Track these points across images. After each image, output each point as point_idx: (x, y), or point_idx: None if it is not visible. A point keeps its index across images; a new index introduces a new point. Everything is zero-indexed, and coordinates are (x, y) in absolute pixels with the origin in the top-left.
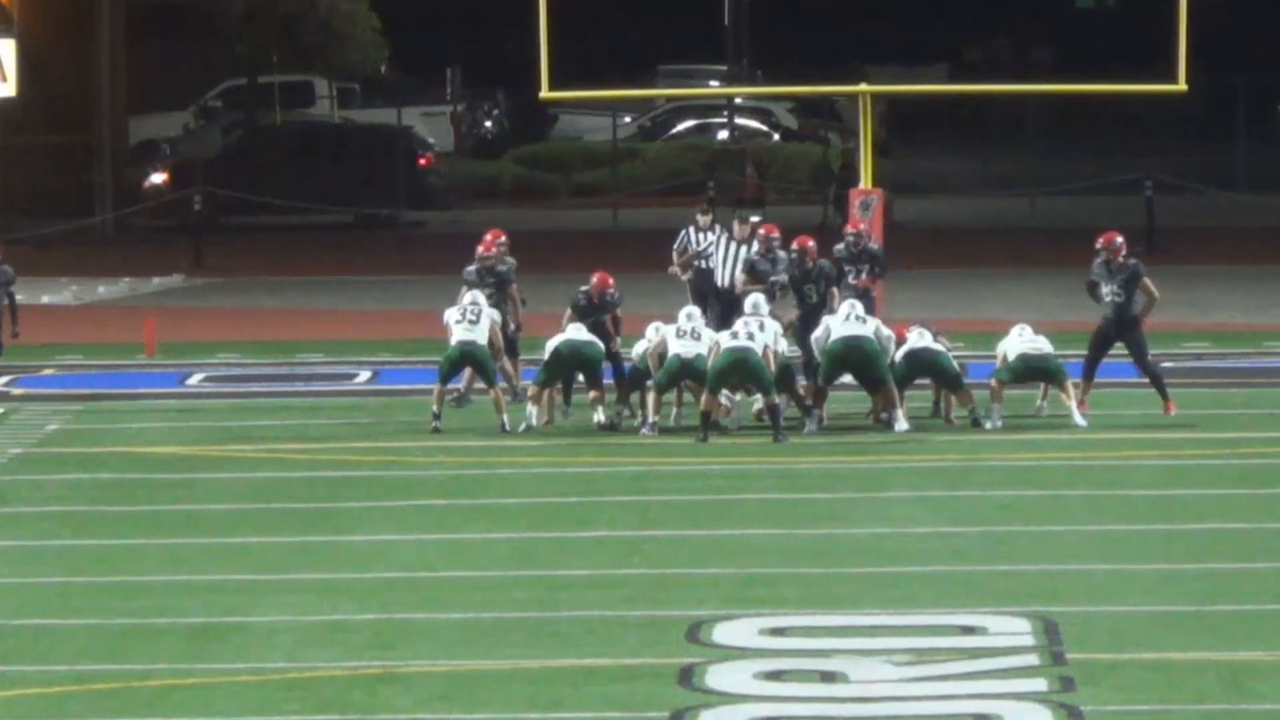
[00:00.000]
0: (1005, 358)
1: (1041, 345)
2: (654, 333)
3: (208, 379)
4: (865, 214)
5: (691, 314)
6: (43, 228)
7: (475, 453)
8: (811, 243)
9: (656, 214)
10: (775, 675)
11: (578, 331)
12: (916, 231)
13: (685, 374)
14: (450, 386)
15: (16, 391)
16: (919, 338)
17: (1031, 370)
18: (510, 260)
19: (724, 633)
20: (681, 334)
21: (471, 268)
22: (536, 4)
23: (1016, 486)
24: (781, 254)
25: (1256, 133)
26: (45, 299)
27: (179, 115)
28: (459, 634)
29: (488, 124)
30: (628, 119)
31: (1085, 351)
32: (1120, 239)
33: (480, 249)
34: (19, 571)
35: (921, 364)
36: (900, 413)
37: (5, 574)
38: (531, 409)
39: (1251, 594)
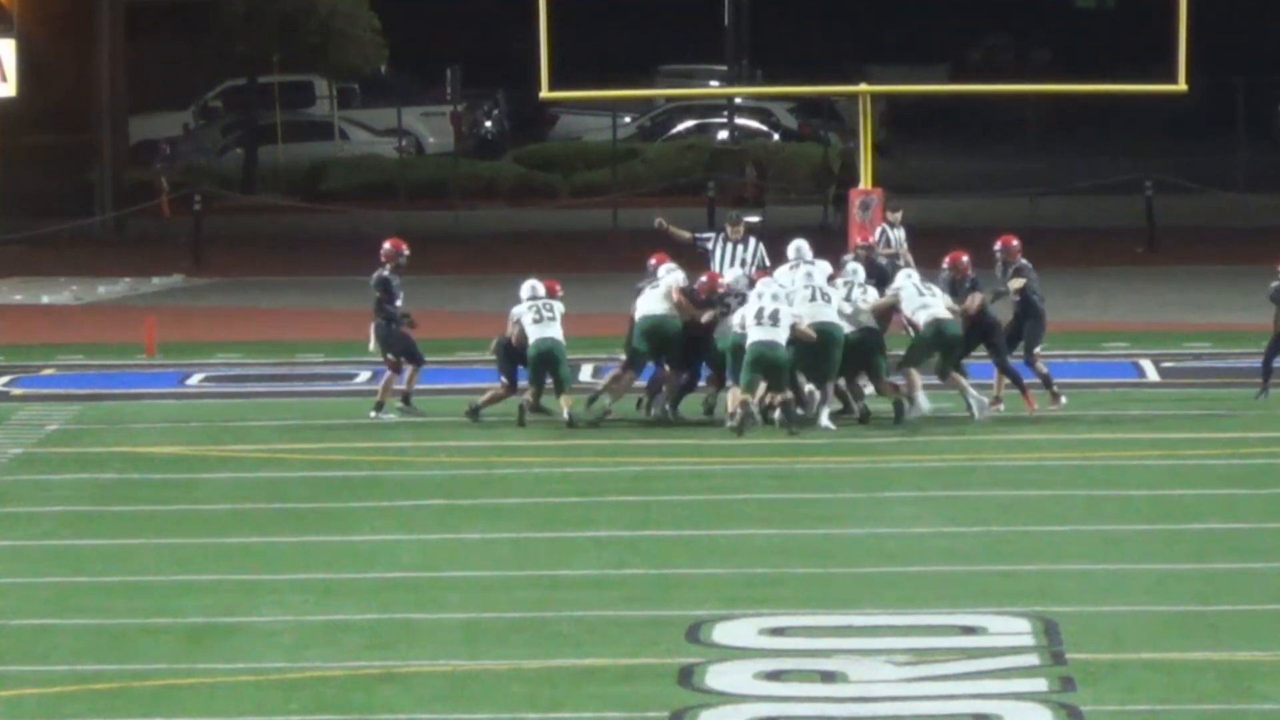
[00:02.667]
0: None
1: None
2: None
3: (208, 379)
4: (865, 214)
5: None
6: (43, 228)
7: (475, 453)
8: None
9: (656, 214)
10: (775, 675)
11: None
12: (916, 231)
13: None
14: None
15: (16, 391)
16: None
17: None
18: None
19: (724, 633)
20: (761, 320)
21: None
22: (536, 4)
23: (1016, 486)
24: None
25: (1256, 133)
26: (45, 299)
27: (179, 115)
28: (459, 634)
29: (488, 124)
30: (628, 119)
31: (1079, 352)
32: (966, 258)
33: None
34: (19, 571)
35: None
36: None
37: (5, 574)
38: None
39: (1251, 594)
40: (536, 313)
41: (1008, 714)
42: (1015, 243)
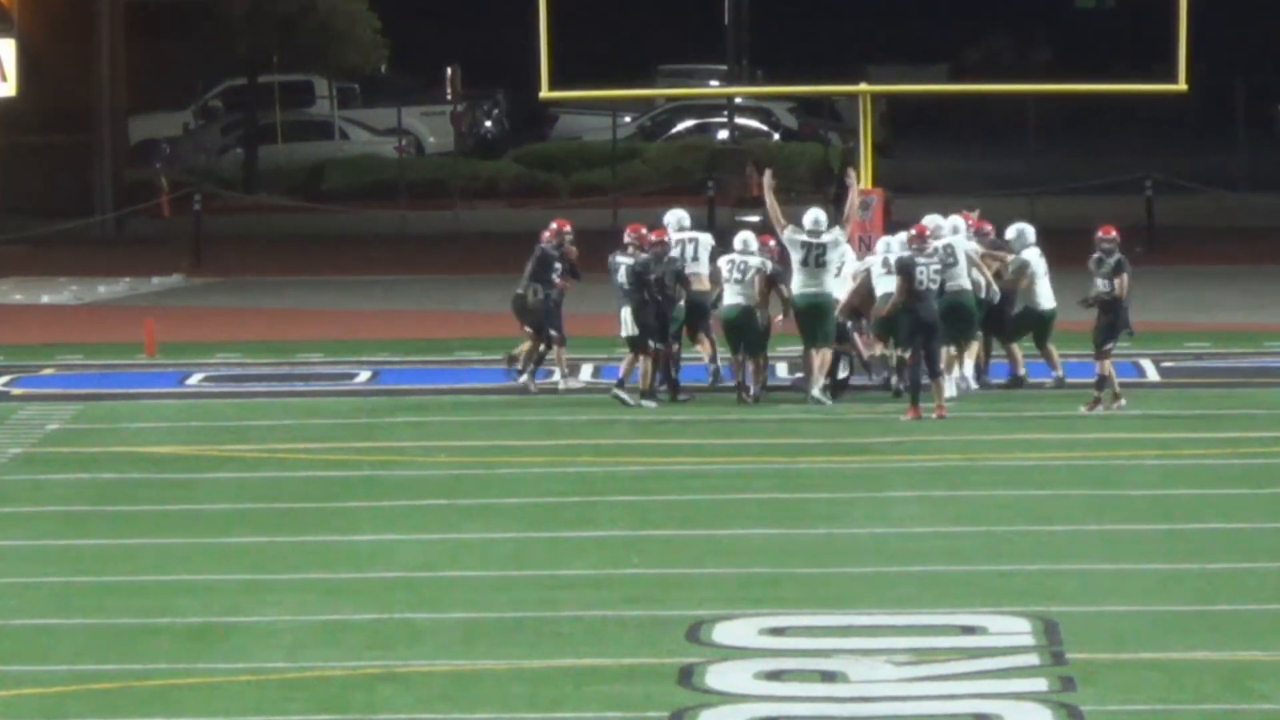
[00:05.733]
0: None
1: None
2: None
3: (208, 379)
4: (865, 214)
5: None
6: (43, 228)
7: (475, 453)
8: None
9: (656, 214)
10: (775, 675)
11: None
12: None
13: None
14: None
15: (16, 391)
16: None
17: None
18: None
19: (724, 633)
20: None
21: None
22: (536, 4)
23: (1016, 486)
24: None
25: (1256, 133)
26: (45, 299)
27: (179, 115)
28: (459, 634)
29: (488, 124)
30: (628, 119)
31: (1078, 352)
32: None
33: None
34: (19, 571)
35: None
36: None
37: (5, 574)
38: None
39: (1251, 594)
40: (739, 271)
41: (1008, 714)
42: (1099, 233)
